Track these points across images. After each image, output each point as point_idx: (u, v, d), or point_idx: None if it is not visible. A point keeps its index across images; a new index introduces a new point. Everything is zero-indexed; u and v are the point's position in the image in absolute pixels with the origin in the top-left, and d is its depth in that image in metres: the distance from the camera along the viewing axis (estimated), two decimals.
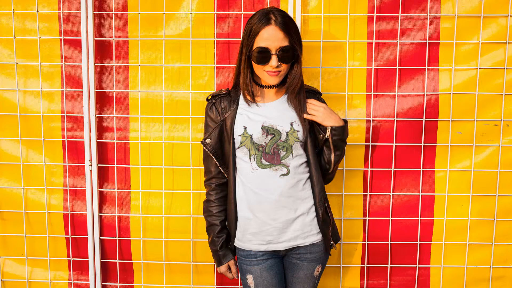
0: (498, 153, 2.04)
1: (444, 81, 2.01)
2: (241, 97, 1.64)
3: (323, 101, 1.71)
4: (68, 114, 2.10)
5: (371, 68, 2.02)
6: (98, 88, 2.08)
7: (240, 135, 1.56)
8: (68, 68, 2.08)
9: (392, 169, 2.06)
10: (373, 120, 2.04)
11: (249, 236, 1.61)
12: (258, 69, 1.54)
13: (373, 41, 2.01)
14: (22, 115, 2.10)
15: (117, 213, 2.13)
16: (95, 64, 2.03)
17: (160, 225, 2.12)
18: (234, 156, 1.61)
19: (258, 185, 1.57)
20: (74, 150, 2.12)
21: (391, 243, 2.10)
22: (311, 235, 1.62)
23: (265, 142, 1.54)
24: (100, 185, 2.13)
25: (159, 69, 2.05)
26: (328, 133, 1.55)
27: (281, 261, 1.67)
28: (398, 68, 2.01)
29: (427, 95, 2.02)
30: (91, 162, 2.07)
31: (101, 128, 2.11)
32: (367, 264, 2.13)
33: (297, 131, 1.56)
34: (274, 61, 1.48)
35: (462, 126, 2.04)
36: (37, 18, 2.03)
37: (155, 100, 2.07)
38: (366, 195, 2.08)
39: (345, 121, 1.65)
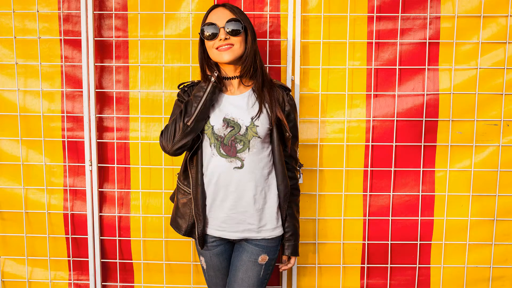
0: (498, 153, 2.04)
1: (444, 81, 2.01)
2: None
3: (291, 98, 1.70)
4: (68, 114, 2.10)
5: (371, 68, 2.02)
6: (98, 88, 2.08)
7: None
8: (68, 68, 2.08)
9: (392, 169, 2.06)
10: (373, 120, 2.04)
11: (208, 219, 1.66)
12: (209, 49, 1.59)
13: (373, 41, 2.01)
14: (22, 115, 2.10)
15: (117, 213, 2.13)
16: (95, 64, 2.03)
17: (160, 225, 2.12)
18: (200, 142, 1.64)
19: (215, 170, 1.60)
20: (74, 150, 2.12)
21: (391, 243, 2.10)
22: (265, 229, 1.64)
23: (224, 134, 1.58)
24: (100, 185, 2.13)
25: (159, 69, 2.05)
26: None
27: (232, 246, 1.71)
28: (398, 68, 2.01)
29: (427, 95, 2.02)
30: (91, 162, 2.07)
31: (101, 128, 2.11)
32: (367, 264, 2.13)
33: (257, 126, 1.58)
34: (222, 34, 1.55)
35: (462, 126, 2.04)
36: (37, 18, 2.03)
37: (155, 100, 2.07)
38: (366, 195, 2.08)
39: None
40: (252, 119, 1.59)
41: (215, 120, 1.59)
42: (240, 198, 1.60)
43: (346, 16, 1.99)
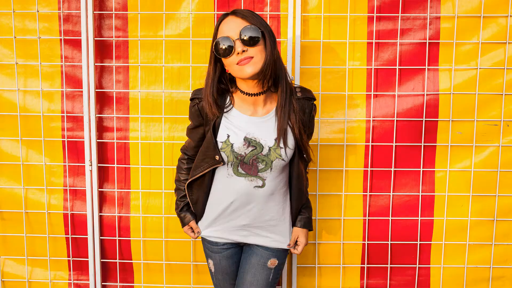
0: (498, 153, 2.04)
1: (444, 81, 2.01)
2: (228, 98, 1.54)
3: (315, 107, 1.58)
4: (68, 114, 2.10)
5: (371, 68, 2.02)
6: (98, 88, 2.08)
7: (222, 142, 1.49)
8: (68, 68, 2.08)
9: (392, 169, 2.06)
10: (373, 120, 2.04)
11: (214, 228, 1.63)
12: (230, 66, 1.41)
13: (373, 41, 2.01)
14: (22, 115, 2.10)
15: (117, 213, 2.13)
16: (95, 64, 2.03)
17: (160, 225, 2.12)
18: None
19: (230, 191, 1.54)
20: (74, 150, 2.12)
21: (391, 243, 2.10)
22: (275, 241, 1.62)
23: (244, 153, 1.48)
24: (100, 185, 2.13)
25: (159, 69, 2.05)
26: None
27: (241, 249, 1.69)
28: (398, 68, 2.01)
29: (427, 95, 2.02)
30: (91, 162, 2.07)
31: (101, 128, 2.11)
32: (367, 264, 2.13)
33: (281, 148, 1.47)
34: (238, 46, 1.36)
35: (462, 126, 2.04)
36: (37, 18, 2.03)
37: (155, 100, 2.07)
38: (366, 195, 2.08)
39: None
40: (275, 140, 1.47)
41: (235, 138, 1.47)
42: (257, 216, 1.56)
43: (346, 16, 1.99)
